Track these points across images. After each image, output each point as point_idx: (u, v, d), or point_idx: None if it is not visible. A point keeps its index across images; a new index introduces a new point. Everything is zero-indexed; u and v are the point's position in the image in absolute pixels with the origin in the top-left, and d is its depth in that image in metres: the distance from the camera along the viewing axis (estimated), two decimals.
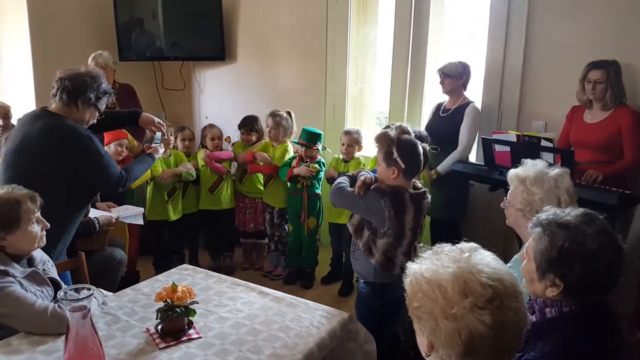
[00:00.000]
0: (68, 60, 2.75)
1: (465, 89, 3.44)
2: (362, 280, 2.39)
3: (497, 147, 2.94)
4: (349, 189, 2.35)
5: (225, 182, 3.98)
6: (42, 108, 2.41)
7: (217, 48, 4.77)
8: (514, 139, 2.84)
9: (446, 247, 1.10)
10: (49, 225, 1.99)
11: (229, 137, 4.20)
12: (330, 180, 3.65)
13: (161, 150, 2.80)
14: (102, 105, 2.47)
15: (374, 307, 2.27)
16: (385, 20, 4.26)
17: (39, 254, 2.03)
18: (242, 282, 2.25)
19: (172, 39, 4.85)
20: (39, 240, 1.96)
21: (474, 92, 3.58)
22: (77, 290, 1.54)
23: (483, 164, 3.10)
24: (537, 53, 3.36)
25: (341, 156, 3.71)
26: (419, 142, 2.25)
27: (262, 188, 3.98)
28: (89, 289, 1.49)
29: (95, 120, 2.49)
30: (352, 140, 3.63)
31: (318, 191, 3.77)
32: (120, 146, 3.45)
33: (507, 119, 3.50)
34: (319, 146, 3.65)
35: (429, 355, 1.09)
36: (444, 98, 3.56)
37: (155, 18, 4.80)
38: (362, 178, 2.30)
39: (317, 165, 3.63)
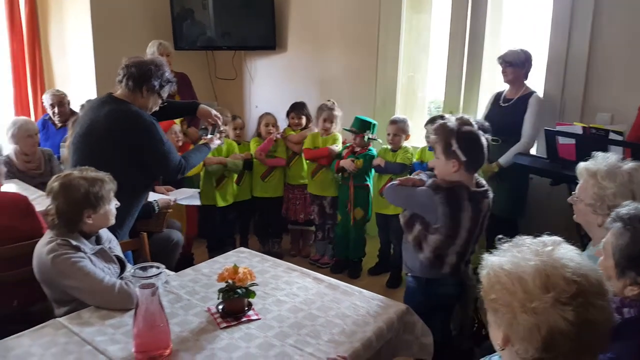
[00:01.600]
0: (126, 50, 2.82)
1: (526, 78, 3.32)
2: (410, 274, 2.36)
3: (561, 140, 2.82)
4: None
5: (276, 170, 4.02)
6: (108, 94, 2.49)
7: (267, 37, 4.81)
8: (580, 131, 2.72)
9: (527, 239, 1.06)
10: (119, 203, 2.06)
11: (277, 126, 4.23)
12: (378, 169, 3.63)
13: (217, 142, 2.86)
14: (165, 93, 2.53)
15: (419, 301, 2.22)
16: (439, 6, 4.17)
17: (105, 233, 2.11)
18: (296, 267, 2.27)
19: (222, 28, 4.91)
20: (112, 217, 2.05)
21: (534, 82, 3.46)
22: (144, 269, 1.59)
23: (545, 156, 3.00)
24: (604, 42, 3.20)
25: (389, 146, 3.68)
26: (481, 133, 2.17)
27: (305, 175, 4.01)
28: (158, 267, 1.54)
29: (157, 108, 2.55)
30: (398, 130, 3.59)
31: (367, 182, 3.75)
32: (173, 134, 3.54)
33: (570, 110, 3.36)
34: (368, 134, 3.62)
35: (503, 349, 1.06)
36: (502, 87, 3.46)
37: (206, 8, 4.88)
38: (409, 177, 2.29)
39: (361, 161, 3.61)
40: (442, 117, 3.25)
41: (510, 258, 1.03)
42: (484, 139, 2.18)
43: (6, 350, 1.59)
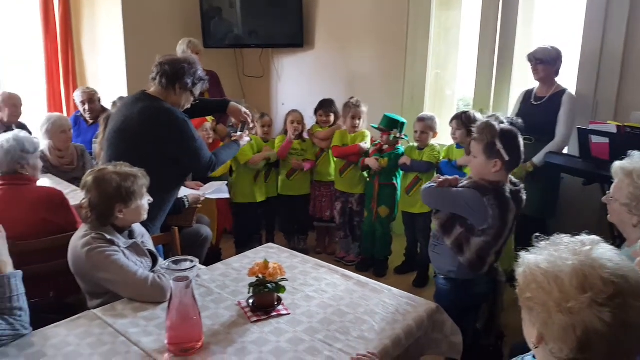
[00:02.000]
0: (157, 48, 2.84)
1: (557, 75, 3.27)
2: (442, 277, 2.33)
3: (594, 139, 2.78)
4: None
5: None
6: (142, 91, 2.53)
7: (295, 35, 4.82)
8: (614, 130, 2.67)
9: (565, 238, 1.05)
10: (152, 199, 2.10)
11: (304, 123, 4.25)
12: (404, 167, 3.61)
13: (246, 139, 2.88)
14: (197, 91, 2.56)
15: (454, 302, 2.19)
16: (469, 3, 4.13)
17: (138, 227, 2.15)
18: (325, 264, 2.28)
19: (250, 26, 4.95)
20: (145, 213, 2.08)
21: (566, 80, 3.39)
22: (177, 262, 1.61)
23: (578, 156, 2.95)
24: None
25: (415, 144, 3.65)
26: (517, 130, 2.16)
27: (333, 172, 4.02)
28: (192, 261, 1.56)
29: (189, 105, 2.58)
30: (426, 127, 3.56)
31: (394, 181, 3.73)
32: (204, 131, 3.59)
33: (603, 109, 3.29)
34: (396, 133, 3.59)
35: (536, 347, 1.06)
36: (532, 85, 3.41)
37: (233, 6, 4.92)
38: (446, 177, 2.27)
39: (386, 159, 3.60)
40: (465, 112, 3.25)
41: (547, 257, 1.02)
42: (521, 138, 2.17)
43: (45, 339, 1.64)
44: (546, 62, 3.18)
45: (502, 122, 2.17)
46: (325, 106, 4.04)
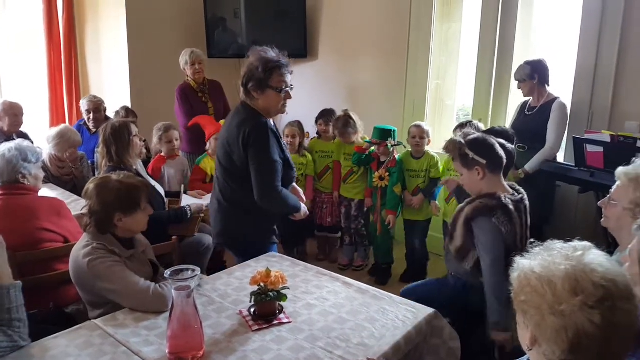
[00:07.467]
0: (160, 58, 2.84)
1: (547, 84, 3.33)
2: (454, 275, 2.34)
3: (589, 148, 2.82)
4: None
5: (300, 183, 4.05)
6: (240, 102, 2.47)
7: (299, 46, 4.84)
8: (608, 140, 2.72)
9: (558, 244, 1.08)
10: (152, 211, 2.11)
11: (307, 132, 4.27)
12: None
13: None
14: (276, 80, 2.36)
15: (467, 304, 2.17)
16: (469, 15, 4.18)
17: (139, 237, 2.16)
18: (326, 271, 2.29)
19: (253, 37, 4.94)
20: (145, 224, 2.09)
21: (563, 90, 3.44)
22: (178, 271, 1.62)
23: (573, 164, 2.99)
24: (633, 52, 3.18)
25: (410, 148, 3.68)
26: (488, 136, 2.22)
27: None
28: (193, 270, 1.57)
29: (284, 103, 2.45)
30: (423, 132, 3.60)
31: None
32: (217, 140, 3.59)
33: (598, 118, 3.34)
34: (391, 141, 3.59)
35: (530, 349, 1.09)
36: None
37: (238, 17, 4.94)
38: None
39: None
40: (470, 122, 3.28)
41: (540, 262, 1.05)
42: (494, 140, 2.22)
43: (44, 350, 1.63)
44: (522, 80, 3.30)
45: (472, 133, 2.24)
46: (325, 116, 4.07)
